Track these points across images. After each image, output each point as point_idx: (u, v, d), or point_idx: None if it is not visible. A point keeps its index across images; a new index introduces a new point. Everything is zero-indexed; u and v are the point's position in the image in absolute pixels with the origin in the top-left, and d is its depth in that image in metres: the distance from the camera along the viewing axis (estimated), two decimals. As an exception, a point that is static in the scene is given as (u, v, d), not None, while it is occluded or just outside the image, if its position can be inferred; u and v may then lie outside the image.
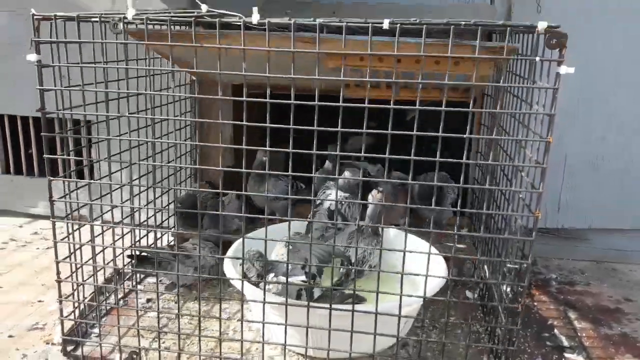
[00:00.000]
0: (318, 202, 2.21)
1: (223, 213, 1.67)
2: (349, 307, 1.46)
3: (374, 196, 2.28)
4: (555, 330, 1.91)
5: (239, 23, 1.36)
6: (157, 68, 1.69)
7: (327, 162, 2.38)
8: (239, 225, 2.31)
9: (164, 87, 1.76)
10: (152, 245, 2.16)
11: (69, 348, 1.68)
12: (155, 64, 1.80)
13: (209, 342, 1.69)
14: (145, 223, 2.07)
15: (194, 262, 1.95)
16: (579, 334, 1.90)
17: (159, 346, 1.63)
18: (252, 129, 1.39)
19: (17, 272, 2.20)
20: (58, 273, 1.60)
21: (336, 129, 1.34)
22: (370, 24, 1.31)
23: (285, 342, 1.53)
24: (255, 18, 1.36)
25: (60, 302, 1.63)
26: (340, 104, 1.32)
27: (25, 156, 2.78)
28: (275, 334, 1.65)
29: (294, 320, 1.50)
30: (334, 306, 1.44)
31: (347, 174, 2.15)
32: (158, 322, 1.59)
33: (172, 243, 2.33)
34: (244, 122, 1.38)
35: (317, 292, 1.67)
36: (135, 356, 1.64)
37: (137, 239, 2.00)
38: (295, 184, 2.51)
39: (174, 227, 2.37)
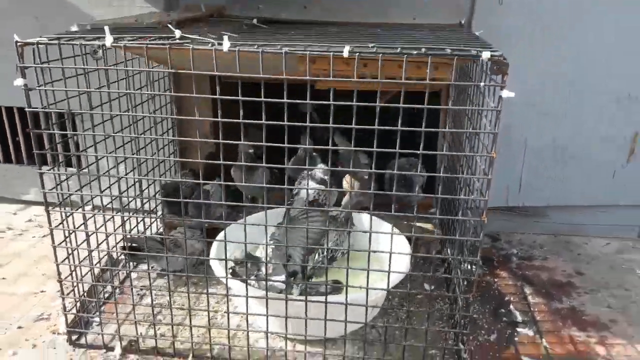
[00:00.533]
0: (295, 191, 2.37)
1: (205, 202, 1.77)
2: (322, 298, 1.65)
3: (347, 181, 2.45)
4: (511, 306, 2.13)
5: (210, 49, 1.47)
6: (135, 69, 1.76)
7: (299, 150, 2.49)
8: (220, 212, 2.48)
9: (143, 84, 1.90)
10: (143, 234, 2.32)
11: (74, 337, 1.86)
12: (134, 64, 1.90)
13: (199, 329, 1.87)
14: (135, 210, 2.22)
15: (183, 251, 2.11)
16: (532, 308, 2.12)
17: (155, 334, 1.83)
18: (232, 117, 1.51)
19: (16, 263, 2.36)
20: (58, 269, 1.76)
21: (305, 124, 1.48)
22: (331, 53, 1.43)
23: (267, 329, 1.73)
24: (226, 46, 1.47)
25: (63, 299, 1.80)
26: (308, 101, 1.45)
27: (13, 145, 2.88)
28: (258, 322, 1.85)
29: (275, 310, 1.69)
30: (308, 298, 1.62)
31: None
32: (152, 311, 1.78)
33: (160, 231, 2.48)
34: (219, 119, 1.52)
35: (296, 291, 1.85)
36: (133, 344, 1.83)
37: (129, 227, 2.18)
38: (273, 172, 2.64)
39: (161, 214, 2.53)
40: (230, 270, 1.83)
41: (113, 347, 1.82)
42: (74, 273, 1.81)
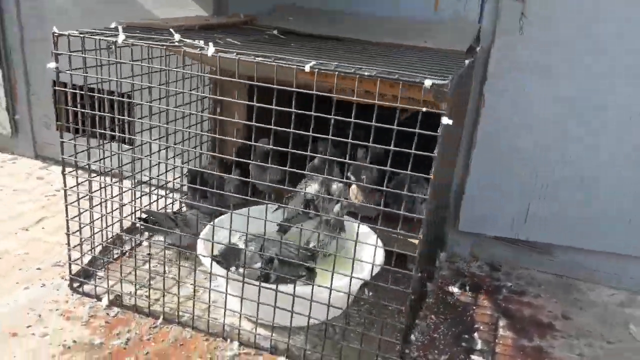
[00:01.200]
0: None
1: (215, 191, 2.01)
2: (290, 289, 1.81)
3: (353, 192, 2.58)
4: (476, 334, 2.14)
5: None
6: (154, 66, 2.04)
7: (316, 159, 2.64)
8: (235, 202, 2.72)
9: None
10: (163, 209, 2.63)
11: (75, 285, 2.19)
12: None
13: (181, 298, 2.09)
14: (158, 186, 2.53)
15: (191, 230, 2.37)
16: (497, 340, 2.12)
17: (135, 293, 2.10)
18: (263, 116, 1.70)
19: (59, 218, 2.77)
20: (67, 224, 2.09)
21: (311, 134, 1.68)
22: (295, 66, 1.60)
23: (240, 310, 1.94)
24: (210, 51, 1.69)
25: (69, 250, 2.14)
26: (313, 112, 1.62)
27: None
28: (232, 304, 2.05)
29: (245, 294, 1.88)
30: (277, 287, 1.81)
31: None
32: (149, 275, 2.05)
33: (178, 210, 2.78)
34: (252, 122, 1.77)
35: (273, 277, 2.02)
36: (118, 299, 2.12)
37: (150, 201, 2.50)
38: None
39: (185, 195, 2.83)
40: (215, 256, 2.03)
41: (102, 298, 2.12)
42: (83, 230, 2.13)
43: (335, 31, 2.38)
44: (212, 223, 2.17)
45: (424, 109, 1.48)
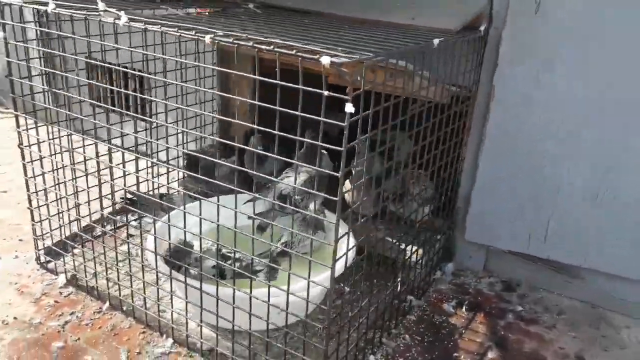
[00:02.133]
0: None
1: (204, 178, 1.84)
2: (228, 291, 1.58)
3: (347, 187, 2.31)
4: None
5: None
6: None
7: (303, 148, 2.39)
8: (224, 189, 2.57)
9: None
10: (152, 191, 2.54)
11: (42, 259, 2.17)
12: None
13: (139, 290, 1.97)
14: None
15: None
16: (475, 375, 1.76)
17: (86, 275, 2.03)
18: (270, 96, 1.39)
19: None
20: (29, 198, 2.07)
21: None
22: (196, 36, 1.38)
23: (186, 311, 1.79)
24: (123, 20, 1.53)
25: (33, 225, 2.12)
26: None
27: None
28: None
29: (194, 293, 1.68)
30: (230, 287, 1.59)
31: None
32: (117, 258, 1.96)
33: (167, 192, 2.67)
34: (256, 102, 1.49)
35: (228, 274, 1.84)
36: (74, 279, 2.06)
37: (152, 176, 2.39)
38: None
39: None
40: (167, 254, 1.88)
41: (59, 276, 2.08)
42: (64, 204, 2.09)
43: (321, 7, 2.11)
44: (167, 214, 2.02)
45: (326, 93, 1.19)
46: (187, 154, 2.59)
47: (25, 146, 2.00)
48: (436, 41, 1.57)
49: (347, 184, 2.33)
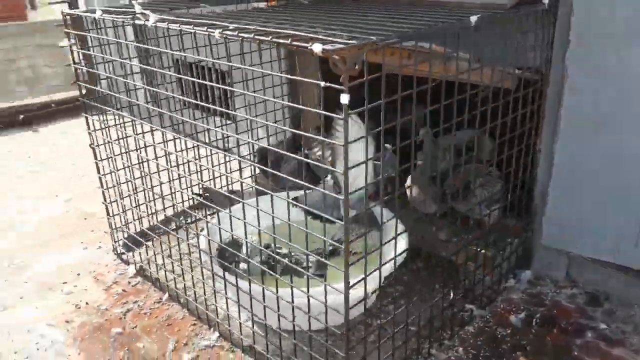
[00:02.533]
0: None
1: (270, 170, 1.87)
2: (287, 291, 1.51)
3: (407, 183, 2.20)
4: (507, 384, 1.61)
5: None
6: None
7: None
8: (293, 184, 2.57)
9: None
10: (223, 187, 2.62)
11: (120, 251, 2.34)
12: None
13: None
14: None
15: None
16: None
17: (156, 268, 2.14)
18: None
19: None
20: (103, 190, 2.24)
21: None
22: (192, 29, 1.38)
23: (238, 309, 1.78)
24: (151, 21, 1.58)
25: (108, 218, 2.29)
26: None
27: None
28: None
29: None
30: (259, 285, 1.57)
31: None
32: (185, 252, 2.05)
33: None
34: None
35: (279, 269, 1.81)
36: (141, 271, 2.20)
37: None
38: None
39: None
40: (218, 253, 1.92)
41: (129, 267, 2.23)
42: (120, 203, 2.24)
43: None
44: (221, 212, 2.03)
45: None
46: (258, 150, 2.65)
47: (98, 145, 2.16)
48: (474, 18, 1.41)
49: (408, 180, 2.22)
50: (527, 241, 2.11)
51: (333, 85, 1.11)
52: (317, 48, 1.09)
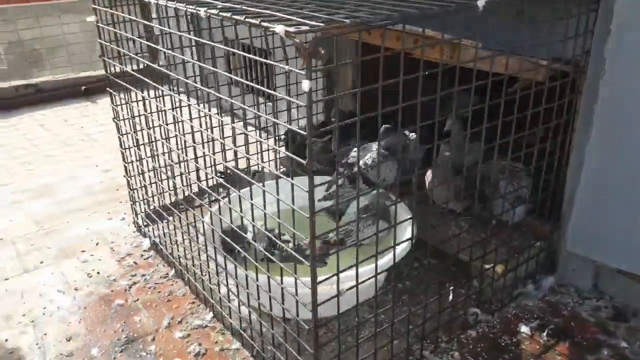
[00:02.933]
0: (345, 160, 2.14)
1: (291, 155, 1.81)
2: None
3: (428, 177, 2.08)
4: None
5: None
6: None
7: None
8: (318, 168, 2.51)
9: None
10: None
11: (141, 224, 2.39)
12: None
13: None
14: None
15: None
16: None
17: (172, 246, 2.17)
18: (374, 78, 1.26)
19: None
20: (124, 165, 2.28)
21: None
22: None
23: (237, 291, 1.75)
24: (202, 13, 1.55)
25: (129, 192, 2.34)
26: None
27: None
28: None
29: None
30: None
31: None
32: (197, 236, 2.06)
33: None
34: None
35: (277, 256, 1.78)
36: (155, 246, 2.23)
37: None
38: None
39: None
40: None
41: (145, 240, 2.28)
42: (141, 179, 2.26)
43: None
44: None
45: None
46: (286, 132, 2.61)
47: (121, 120, 2.20)
48: (481, 2, 1.27)
49: (429, 173, 2.09)
50: (552, 245, 1.94)
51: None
52: (279, 29, 1.02)
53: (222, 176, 2.34)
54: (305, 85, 1.02)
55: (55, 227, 2.47)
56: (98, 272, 2.12)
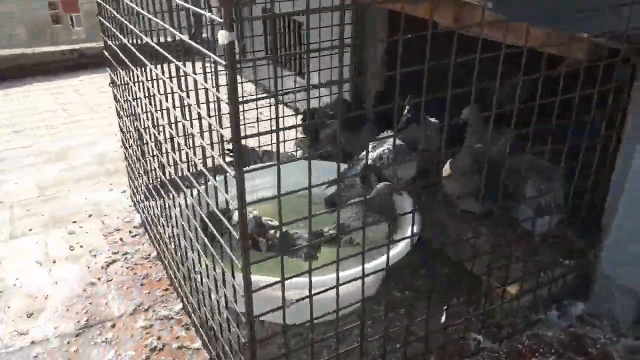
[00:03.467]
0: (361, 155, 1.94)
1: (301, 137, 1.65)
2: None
3: (445, 171, 1.80)
4: None
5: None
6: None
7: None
8: (329, 151, 2.27)
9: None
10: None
11: (136, 198, 2.26)
12: None
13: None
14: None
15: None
16: None
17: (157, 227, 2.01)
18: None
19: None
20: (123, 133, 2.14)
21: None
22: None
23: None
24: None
25: (126, 165, 2.20)
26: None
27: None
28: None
29: None
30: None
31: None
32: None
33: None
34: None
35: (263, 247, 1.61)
36: (143, 224, 2.09)
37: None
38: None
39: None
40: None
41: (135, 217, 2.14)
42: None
43: None
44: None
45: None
46: (305, 111, 2.40)
47: (118, 85, 2.05)
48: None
49: (446, 167, 1.81)
50: (586, 265, 1.60)
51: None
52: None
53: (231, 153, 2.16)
54: (222, 37, 0.78)
55: (56, 194, 2.39)
56: (81, 246, 2.00)
